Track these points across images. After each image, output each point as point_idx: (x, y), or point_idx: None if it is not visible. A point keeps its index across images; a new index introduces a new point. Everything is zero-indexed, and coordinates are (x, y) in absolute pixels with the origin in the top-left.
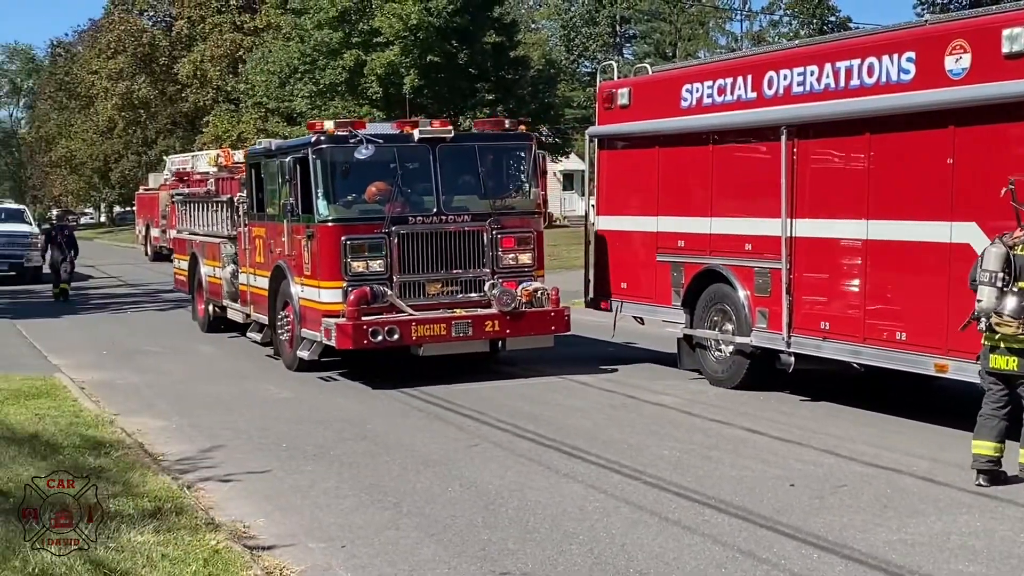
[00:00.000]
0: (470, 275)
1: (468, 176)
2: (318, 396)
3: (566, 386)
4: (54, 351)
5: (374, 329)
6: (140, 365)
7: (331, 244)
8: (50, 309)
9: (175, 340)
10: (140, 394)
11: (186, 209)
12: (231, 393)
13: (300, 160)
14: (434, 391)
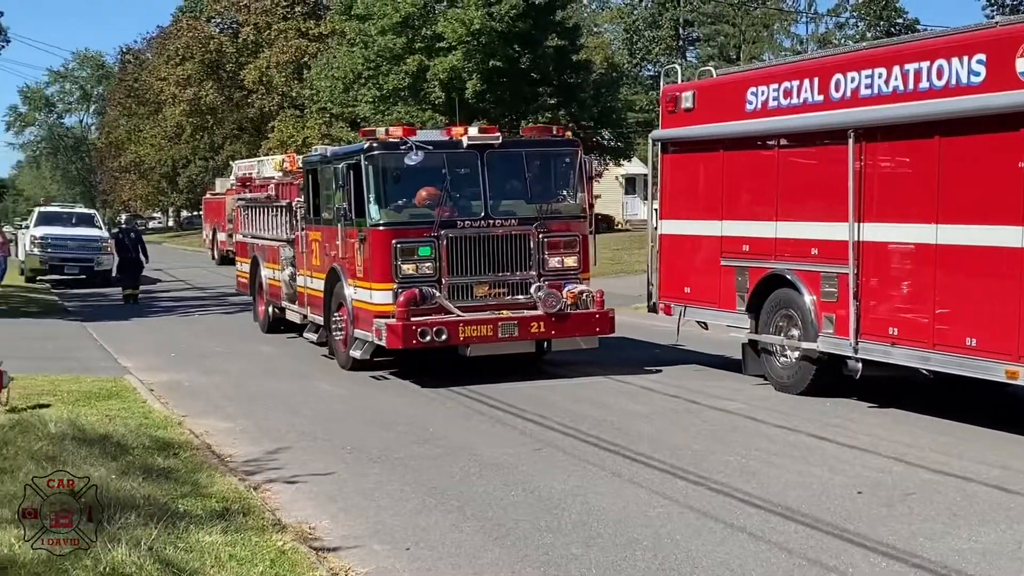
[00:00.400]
0: (517, 278)
1: (515, 181)
2: (373, 395)
3: (629, 390)
4: (124, 353)
5: (423, 329)
6: (207, 367)
7: (382, 247)
8: (120, 312)
9: (238, 342)
10: (207, 395)
11: (248, 214)
12: (291, 392)
13: (353, 166)
14: (486, 391)
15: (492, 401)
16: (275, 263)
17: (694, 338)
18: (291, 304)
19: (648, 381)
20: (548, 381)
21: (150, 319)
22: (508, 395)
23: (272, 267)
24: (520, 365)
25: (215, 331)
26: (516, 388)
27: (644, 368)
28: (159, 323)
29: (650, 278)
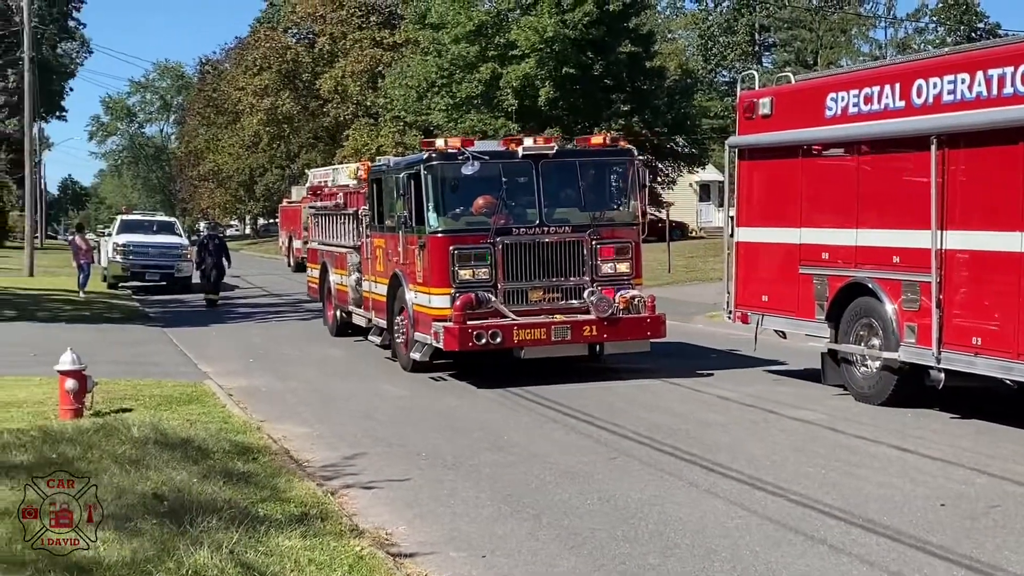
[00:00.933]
0: (570, 283)
1: (569, 189)
2: (436, 397)
3: (704, 399)
4: (203, 359)
5: (478, 332)
6: (282, 372)
7: (440, 253)
8: (199, 318)
9: (311, 346)
10: (284, 400)
11: (318, 221)
12: (361, 395)
13: (413, 176)
14: (546, 393)
15: (558, 406)
16: (343, 269)
17: (772, 347)
18: (357, 308)
19: (724, 390)
20: (608, 383)
21: (228, 325)
22: (572, 399)
23: (340, 273)
24: (574, 368)
25: (290, 336)
26: (577, 391)
27: (719, 377)
28: (237, 329)
29: (727, 286)
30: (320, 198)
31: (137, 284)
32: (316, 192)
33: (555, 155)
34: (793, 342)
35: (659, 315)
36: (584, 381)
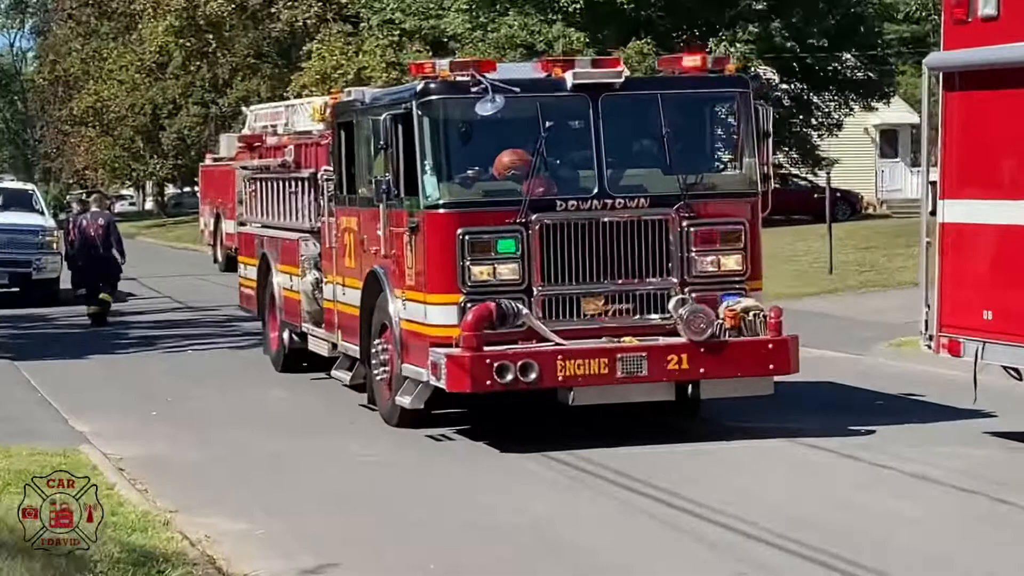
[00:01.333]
0: (648, 287)
1: (647, 140)
2: (445, 470)
3: (885, 477)
4: (78, 410)
5: (502, 364)
6: (204, 431)
7: (442, 240)
8: (72, 344)
9: (245, 387)
10: (206, 478)
11: (255, 191)
12: (325, 465)
13: (401, 118)
14: (611, 460)
15: (636, 483)
16: (293, 265)
17: (1000, 395)
18: (316, 327)
19: (918, 463)
20: (708, 445)
21: (118, 356)
22: (656, 472)
23: (289, 271)
24: (651, 420)
25: (215, 373)
26: (660, 458)
27: (889, 437)
28: (132, 363)
29: (925, 296)
30: (260, 154)
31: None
32: (252, 145)
33: (624, 86)
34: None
35: (787, 338)
36: (669, 442)
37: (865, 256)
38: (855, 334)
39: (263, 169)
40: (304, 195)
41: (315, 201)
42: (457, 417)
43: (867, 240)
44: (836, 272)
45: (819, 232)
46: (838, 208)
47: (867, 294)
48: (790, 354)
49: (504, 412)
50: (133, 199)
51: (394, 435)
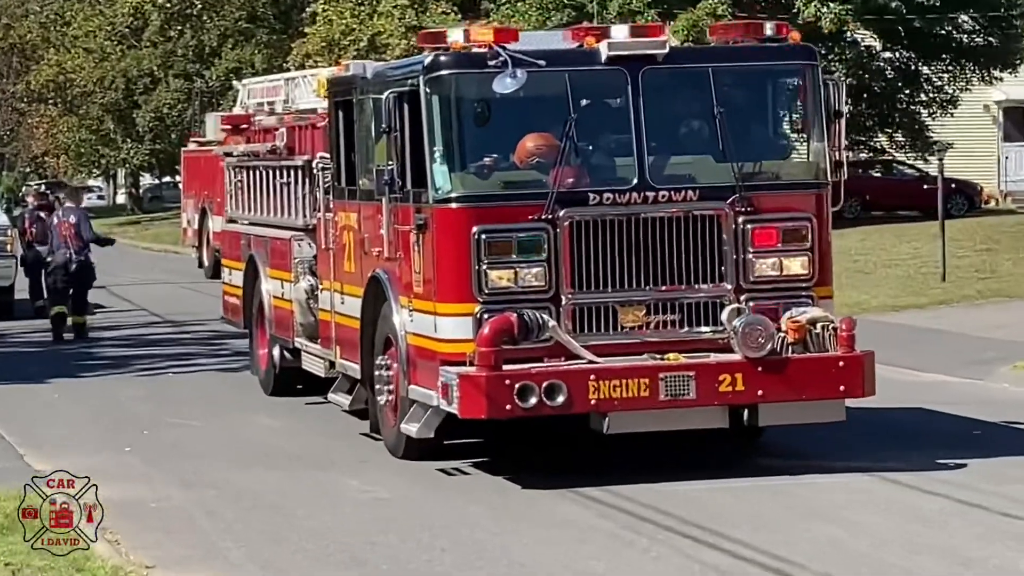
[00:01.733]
0: (697, 295)
1: (696, 122)
2: (447, 507)
3: (986, 521)
4: (36, 445)
5: (524, 386)
6: (187, 468)
7: (454, 239)
8: (29, 364)
9: (234, 413)
10: (191, 525)
11: (241, 181)
12: (331, 510)
13: (407, 97)
14: (654, 499)
15: (684, 526)
16: (284, 270)
17: None
18: (310, 342)
19: (1012, 501)
20: (772, 481)
21: (84, 380)
22: (707, 514)
23: (279, 276)
24: (698, 451)
25: (200, 398)
26: (711, 496)
27: (987, 473)
28: (101, 388)
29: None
30: (247, 137)
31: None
32: (239, 126)
33: (668, 58)
34: None
35: (861, 354)
36: (722, 476)
37: (985, 260)
38: (973, 354)
39: (250, 156)
40: (297, 187)
41: (310, 194)
42: (474, 447)
43: (988, 240)
44: (950, 279)
45: (929, 231)
46: (952, 202)
47: (987, 306)
48: (864, 373)
49: (529, 440)
50: (102, 191)
51: (403, 471)
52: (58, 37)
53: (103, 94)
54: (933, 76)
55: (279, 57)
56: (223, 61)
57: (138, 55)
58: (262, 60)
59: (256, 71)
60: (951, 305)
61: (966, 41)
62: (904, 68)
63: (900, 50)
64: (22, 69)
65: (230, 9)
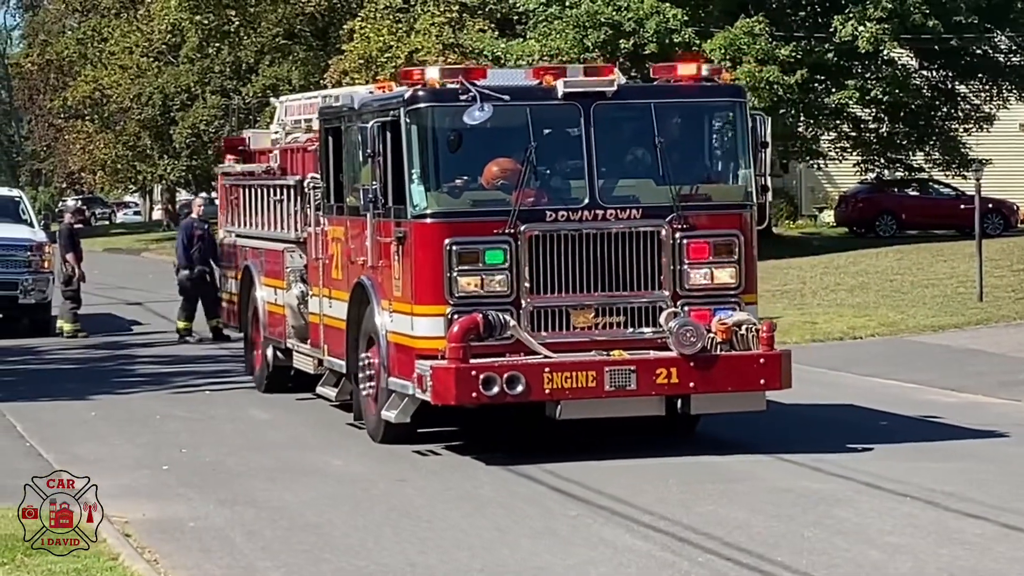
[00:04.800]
0: (641, 300)
1: (639, 150)
2: (413, 482)
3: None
4: (74, 463)
5: (488, 376)
6: (229, 487)
7: (430, 250)
8: (67, 384)
9: (272, 434)
10: (231, 545)
11: (237, 198)
12: (368, 525)
13: (389, 125)
14: (610, 487)
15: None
16: (278, 278)
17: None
18: (301, 343)
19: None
20: (701, 460)
21: (122, 397)
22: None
23: (273, 284)
24: (636, 435)
25: (241, 417)
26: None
27: (886, 455)
28: (138, 405)
29: None
30: (244, 158)
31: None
32: (234, 149)
33: (616, 95)
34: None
35: (779, 352)
36: (657, 453)
37: (1022, 279)
38: (1012, 375)
39: (247, 176)
40: (290, 204)
41: (301, 210)
42: (443, 432)
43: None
44: (987, 299)
45: (966, 250)
46: (989, 221)
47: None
48: (781, 369)
49: (491, 428)
50: (138, 207)
51: (379, 452)
52: (95, 53)
53: (140, 110)
54: (969, 95)
55: (316, 74)
56: (260, 78)
57: (175, 71)
58: (299, 77)
59: (293, 88)
60: (988, 325)
61: (1003, 60)
62: (940, 87)
63: (936, 69)
64: (59, 85)
65: (267, 26)
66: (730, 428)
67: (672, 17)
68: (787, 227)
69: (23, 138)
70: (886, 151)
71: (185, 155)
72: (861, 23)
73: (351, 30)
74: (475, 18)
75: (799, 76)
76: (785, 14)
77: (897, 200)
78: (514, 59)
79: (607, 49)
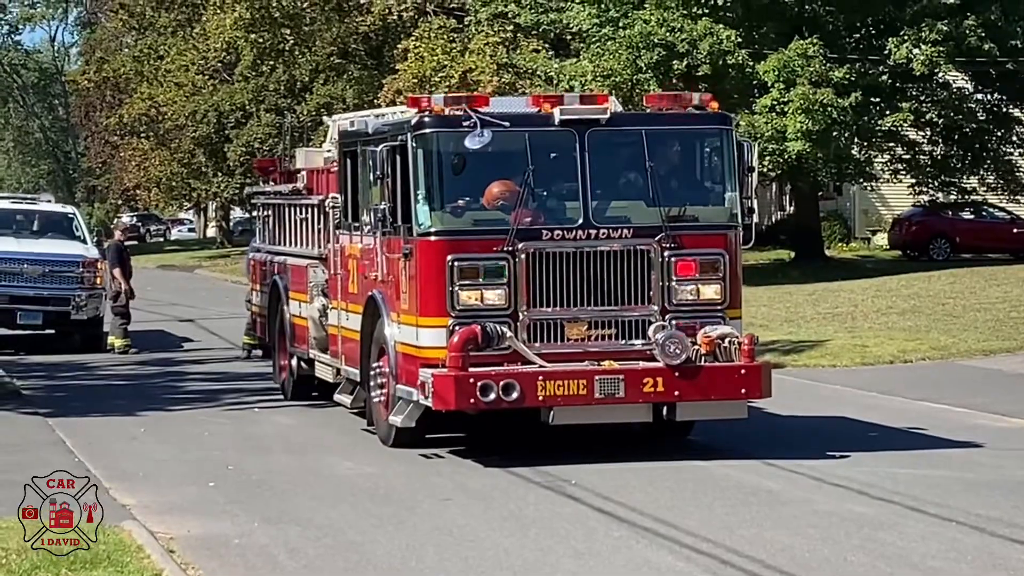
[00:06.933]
0: (630, 314)
1: (631, 174)
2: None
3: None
4: (121, 479)
5: (485, 384)
6: (278, 507)
7: (433, 266)
8: (116, 400)
9: (321, 453)
10: (274, 562)
11: (267, 216)
12: (412, 543)
13: (397, 149)
14: (611, 489)
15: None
16: (302, 292)
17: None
18: (322, 353)
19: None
20: (686, 465)
21: (171, 414)
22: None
23: (299, 298)
24: (629, 442)
25: (289, 435)
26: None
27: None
28: (187, 422)
29: None
30: (273, 179)
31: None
32: (267, 170)
33: (609, 122)
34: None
35: (759, 364)
36: (647, 458)
37: None
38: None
39: (276, 195)
40: (313, 221)
41: (324, 228)
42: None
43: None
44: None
45: (1019, 274)
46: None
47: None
48: (762, 380)
49: (491, 434)
50: (193, 224)
51: (390, 455)
52: (151, 71)
53: (195, 128)
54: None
55: (370, 93)
56: (314, 96)
57: (230, 90)
58: (353, 96)
59: (347, 107)
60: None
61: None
62: (995, 110)
63: (991, 92)
64: (115, 102)
65: (322, 45)
66: (775, 449)
67: (726, 39)
68: (840, 250)
69: (79, 155)
70: (940, 174)
71: (239, 172)
72: (916, 46)
73: (405, 49)
74: (529, 38)
75: (853, 98)
76: (839, 36)
77: (951, 223)
78: (567, 79)
79: (660, 70)
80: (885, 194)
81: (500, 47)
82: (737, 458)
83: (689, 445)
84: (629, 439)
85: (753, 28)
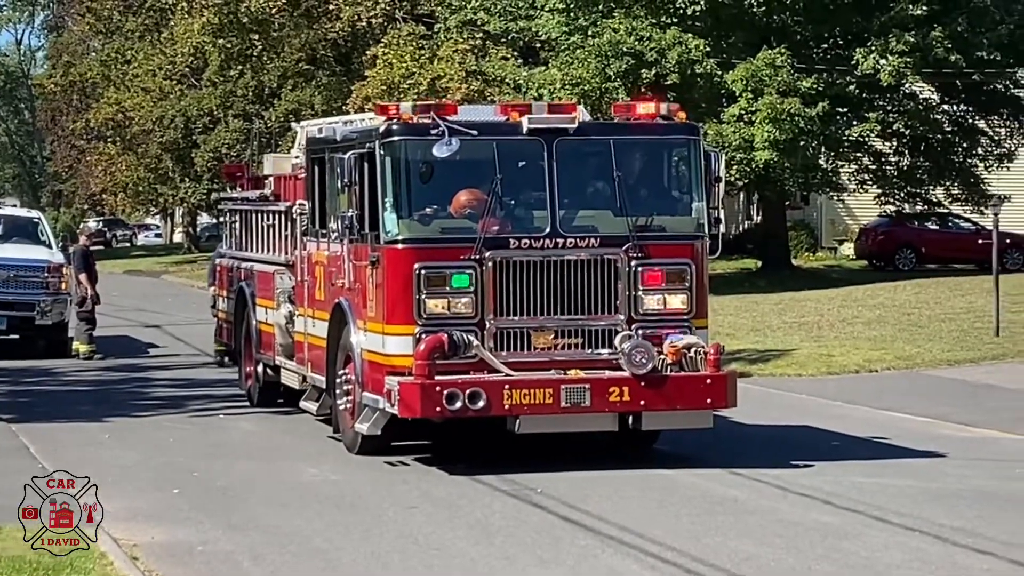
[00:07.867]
0: (597, 323)
1: (599, 183)
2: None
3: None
4: None
5: (451, 392)
6: (243, 514)
7: (400, 273)
8: (81, 406)
9: (287, 460)
10: (238, 569)
11: (233, 222)
12: (377, 552)
13: (365, 157)
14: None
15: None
16: (269, 298)
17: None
18: (288, 360)
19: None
20: (653, 473)
21: (135, 420)
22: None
23: (266, 305)
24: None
25: (255, 442)
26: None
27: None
28: (152, 429)
29: None
30: (240, 184)
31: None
32: (233, 176)
33: (577, 131)
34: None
35: (724, 374)
36: (614, 466)
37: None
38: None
39: (242, 201)
40: (280, 227)
41: (291, 235)
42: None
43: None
44: (1004, 334)
45: (984, 285)
46: (1007, 256)
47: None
48: (727, 389)
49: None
50: (159, 229)
51: (353, 462)
52: (118, 75)
53: (162, 133)
54: (990, 130)
55: (338, 99)
56: (282, 102)
57: (197, 95)
58: (321, 102)
59: (315, 113)
60: (1005, 361)
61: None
62: (962, 121)
63: (958, 104)
64: (81, 107)
65: (290, 51)
66: (740, 458)
67: (694, 48)
68: (806, 259)
69: (45, 159)
70: (906, 185)
71: (206, 178)
72: (883, 56)
73: (374, 56)
74: (498, 46)
75: (820, 108)
76: (807, 46)
77: (917, 234)
78: (536, 87)
79: (629, 79)
80: (851, 204)
81: (469, 54)
82: (703, 467)
83: (655, 454)
84: (595, 448)
85: (722, 37)
